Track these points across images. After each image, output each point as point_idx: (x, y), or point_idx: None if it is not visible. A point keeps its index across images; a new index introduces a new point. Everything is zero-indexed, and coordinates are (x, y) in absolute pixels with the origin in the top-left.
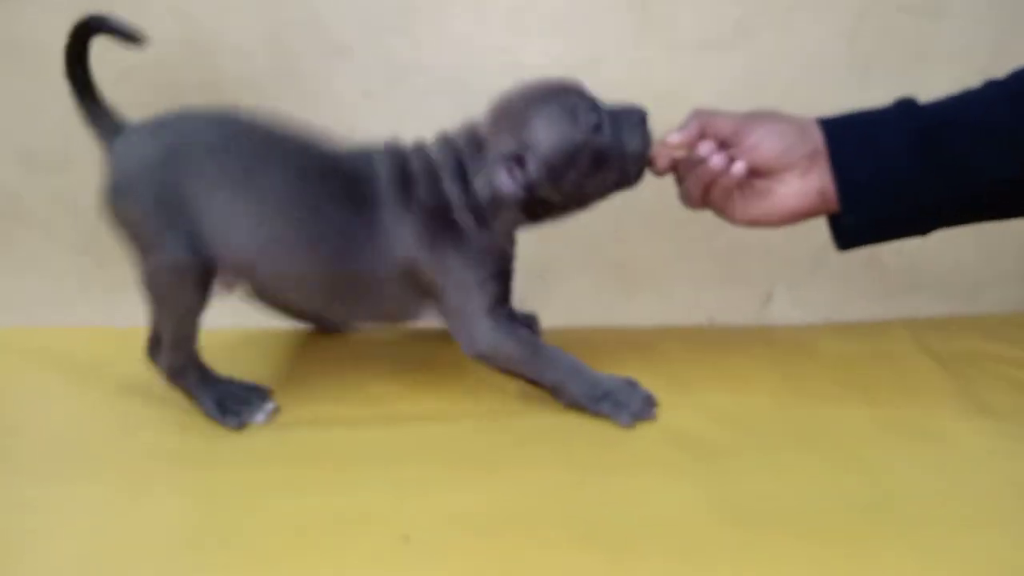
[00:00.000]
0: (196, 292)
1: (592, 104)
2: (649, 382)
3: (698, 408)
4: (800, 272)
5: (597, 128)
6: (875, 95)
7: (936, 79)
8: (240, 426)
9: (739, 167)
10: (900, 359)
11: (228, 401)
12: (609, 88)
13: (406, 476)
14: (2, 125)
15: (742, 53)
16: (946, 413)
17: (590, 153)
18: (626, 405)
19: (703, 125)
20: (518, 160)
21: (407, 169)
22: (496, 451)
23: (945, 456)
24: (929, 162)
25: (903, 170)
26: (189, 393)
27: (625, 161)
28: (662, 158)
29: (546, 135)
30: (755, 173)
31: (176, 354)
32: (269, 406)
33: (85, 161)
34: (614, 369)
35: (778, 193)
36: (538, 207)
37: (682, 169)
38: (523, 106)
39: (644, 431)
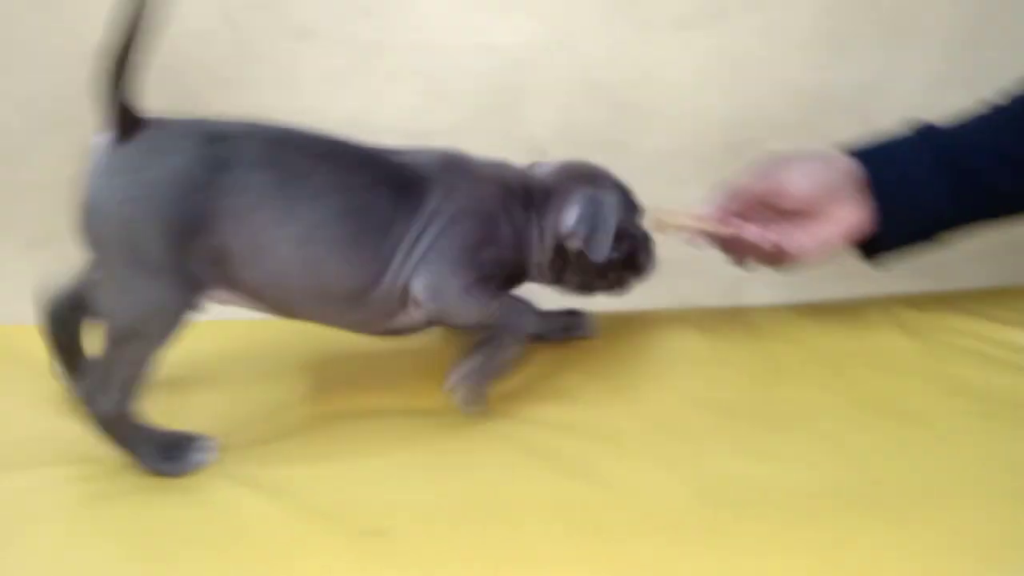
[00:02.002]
0: (177, 329)
1: (639, 211)
2: (621, 367)
3: (674, 390)
4: None
5: (634, 234)
6: (852, 71)
7: (912, 54)
8: (185, 471)
9: (772, 236)
10: (876, 338)
11: (167, 448)
12: (585, 68)
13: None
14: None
15: (717, 32)
16: (923, 392)
17: (626, 248)
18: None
19: (732, 194)
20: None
21: (457, 167)
22: (469, 446)
23: (922, 436)
24: (955, 185)
25: (930, 193)
26: (123, 442)
27: (633, 272)
28: (691, 233)
29: (610, 208)
30: (802, 214)
31: (122, 397)
32: (211, 442)
33: (39, 152)
34: (584, 356)
35: (827, 225)
36: (559, 268)
37: (715, 242)
38: (596, 176)
39: (626, 417)
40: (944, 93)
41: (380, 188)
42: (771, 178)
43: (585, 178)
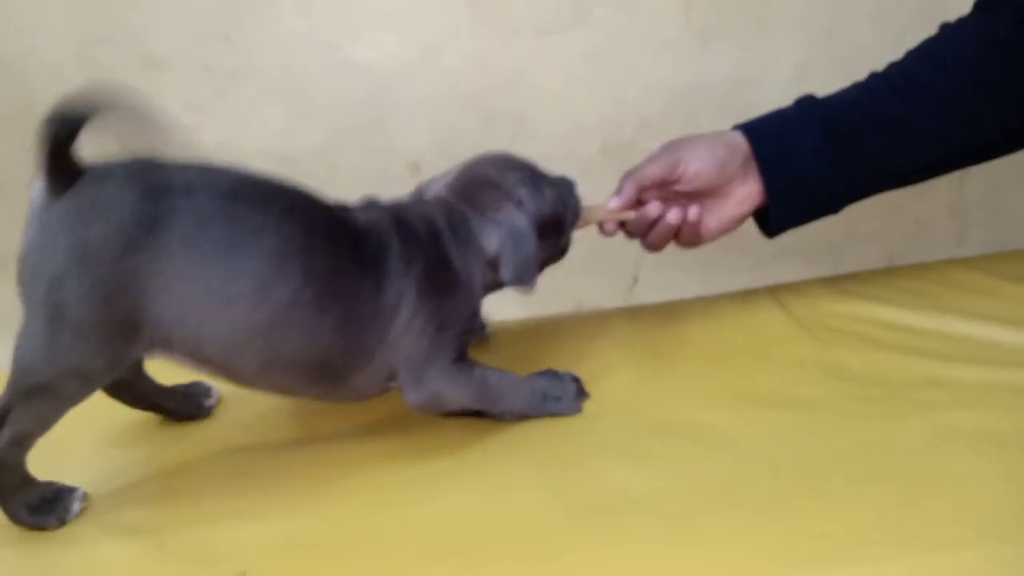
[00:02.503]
0: (93, 390)
1: (544, 177)
2: None
3: None
4: (664, 252)
5: (554, 200)
6: (716, 65)
7: (775, 45)
8: (60, 523)
9: (693, 213)
10: (763, 326)
11: (39, 503)
12: (452, 79)
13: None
14: None
15: (580, 34)
16: (804, 378)
17: (552, 223)
18: (564, 395)
19: (638, 182)
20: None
21: (406, 225)
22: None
23: (800, 423)
24: (837, 153)
25: (816, 163)
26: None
27: (567, 229)
28: (608, 223)
29: (529, 203)
30: (703, 194)
31: (10, 448)
32: (80, 491)
33: None
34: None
35: (728, 203)
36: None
37: (634, 229)
38: (496, 182)
39: (510, 428)
40: (813, 79)
41: (341, 255)
42: (669, 162)
43: (488, 188)
